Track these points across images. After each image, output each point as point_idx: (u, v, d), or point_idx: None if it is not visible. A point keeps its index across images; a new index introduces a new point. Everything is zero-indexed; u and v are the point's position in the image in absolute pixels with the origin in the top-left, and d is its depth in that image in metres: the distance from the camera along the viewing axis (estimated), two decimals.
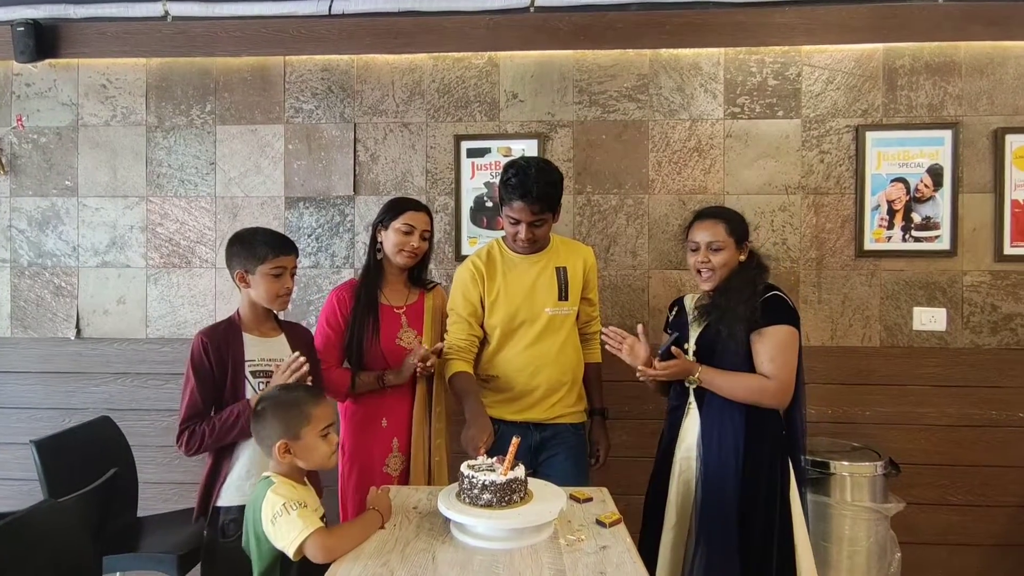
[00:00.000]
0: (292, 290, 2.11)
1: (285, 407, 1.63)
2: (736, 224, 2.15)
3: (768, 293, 2.08)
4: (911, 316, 3.03)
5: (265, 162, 3.19)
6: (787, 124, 3.06)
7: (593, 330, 2.49)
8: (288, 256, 2.06)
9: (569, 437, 2.33)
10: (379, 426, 2.26)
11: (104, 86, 3.23)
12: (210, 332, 2.02)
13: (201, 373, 1.97)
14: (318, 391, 1.72)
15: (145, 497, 2.86)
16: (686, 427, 2.15)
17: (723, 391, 2.06)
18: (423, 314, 2.37)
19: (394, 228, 2.30)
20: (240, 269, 2.04)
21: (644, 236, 3.10)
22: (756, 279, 2.11)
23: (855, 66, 3.04)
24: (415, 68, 3.14)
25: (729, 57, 3.07)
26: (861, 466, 2.62)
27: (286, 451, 1.61)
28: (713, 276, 2.12)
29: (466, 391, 2.19)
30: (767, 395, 2.02)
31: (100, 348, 3.21)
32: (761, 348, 2.04)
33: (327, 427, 1.66)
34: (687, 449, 2.13)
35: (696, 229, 2.16)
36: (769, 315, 2.04)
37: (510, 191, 2.20)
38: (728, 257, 2.11)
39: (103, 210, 3.23)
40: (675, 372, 2.07)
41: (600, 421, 2.46)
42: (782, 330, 2.04)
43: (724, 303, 2.08)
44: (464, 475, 1.70)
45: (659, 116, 3.09)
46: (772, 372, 2.02)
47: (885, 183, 3.01)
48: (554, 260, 2.35)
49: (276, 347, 2.09)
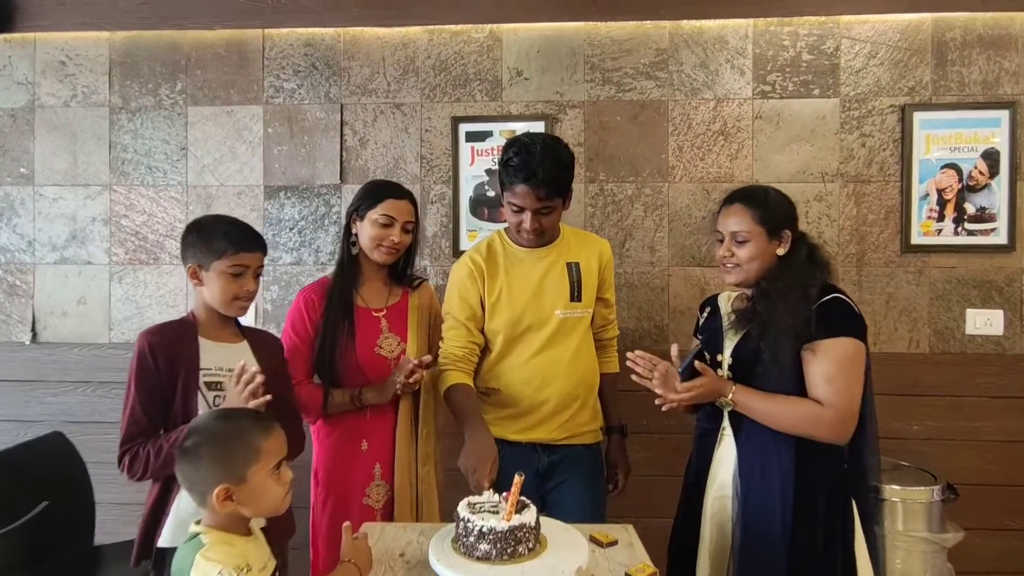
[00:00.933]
0: (254, 295, 1.79)
1: (225, 441, 1.29)
2: (769, 210, 1.75)
3: (826, 296, 1.69)
4: (964, 319, 2.72)
5: (242, 147, 2.89)
6: (824, 104, 2.74)
7: (610, 336, 2.18)
8: (252, 253, 1.75)
9: (582, 460, 2.02)
10: (358, 450, 1.93)
11: (63, 63, 2.92)
12: (158, 332, 1.72)
13: (146, 381, 1.67)
14: (266, 418, 1.40)
15: (107, 520, 2.57)
16: (720, 458, 1.78)
17: (763, 418, 1.68)
18: (407, 317, 2.05)
19: (371, 219, 1.98)
20: (194, 263, 1.74)
21: (663, 229, 2.79)
22: (808, 279, 1.70)
23: (900, 38, 2.73)
24: (408, 42, 2.84)
25: (759, 29, 2.76)
26: (916, 491, 2.30)
27: (227, 498, 1.27)
28: (739, 271, 1.76)
29: (465, 408, 1.88)
30: (822, 427, 1.63)
31: (58, 354, 2.91)
32: (815, 367, 1.65)
33: (279, 462, 1.33)
34: (721, 486, 1.76)
35: (721, 216, 1.81)
36: (826, 324, 1.65)
37: (512, 173, 1.88)
38: (756, 250, 1.73)
39: (62, 200, 2.93)
40: (702, 394, 1.70)
41: (618, 441, 2.16)
42: (843, 344, 1.65)
43: (767, 311, 1.70)
44: (459, 517, 1.39)
45: (680, 95, 2.78)
46: (829, 398, 1.63)
47: (935, 170, 2.70)
48: (565, 254, 2.04)
49: (237, 356, 1.78)
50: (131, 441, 1.66)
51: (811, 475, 1.66)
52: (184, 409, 1.68)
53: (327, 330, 1.96)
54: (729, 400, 1.71)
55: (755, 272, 1.74)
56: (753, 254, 1.73)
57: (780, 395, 1.67)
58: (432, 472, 1.99)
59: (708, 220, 2.74)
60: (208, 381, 1.72)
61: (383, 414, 1.97)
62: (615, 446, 2.15)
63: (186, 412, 1.67)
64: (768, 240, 1.74)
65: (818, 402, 1.64)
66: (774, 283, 1.71)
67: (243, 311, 1.79)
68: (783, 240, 1.75)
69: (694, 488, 1.82)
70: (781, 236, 1.75)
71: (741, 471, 1.71)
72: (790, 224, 1.77)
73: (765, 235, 1.73)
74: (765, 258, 1.74)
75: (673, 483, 2.61)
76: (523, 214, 1.92)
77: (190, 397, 1.69)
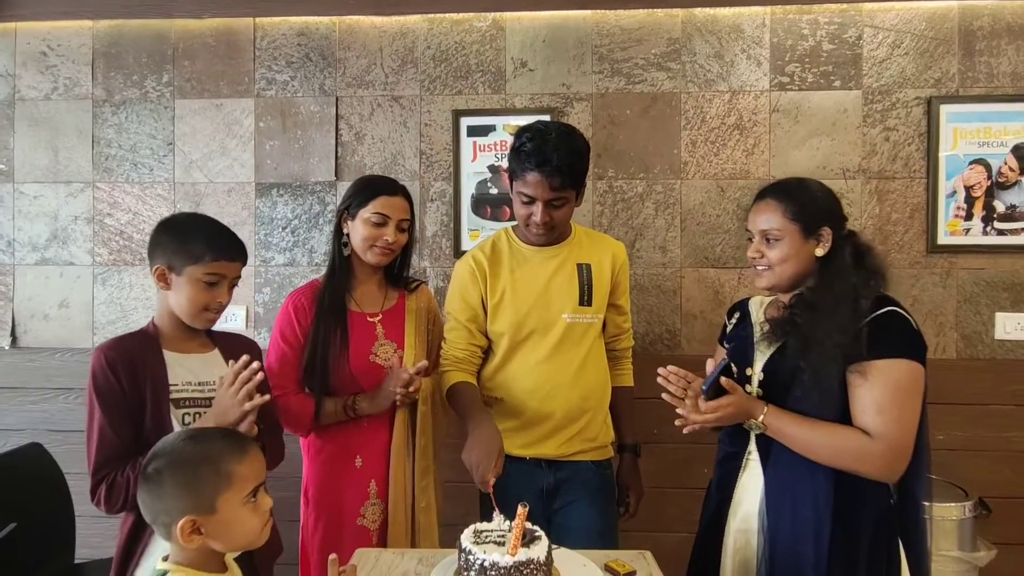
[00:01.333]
0: (224, 308, 1.63)
1: (192, 466, 1.14)
2: (804, 205, 1.53)
3: (880, 309, 1.47)
4: (993, 323, 2.58)
5: (232, 142, 2.76)
6: (845, 96, 2.60)
7: (624, 346, 2.04)
8: (232, 263, 1.60)
9: (591, 478, 1.88)
10: (352, 466, 1.79)
11: (44, 53, 2.78)
12: (116, 346, 1.54)
13: (110, 398, 1.48)
14: (241, 438, 1.26)
15: (89, 534, 2.44)
16: (744, 485, 1.58)
17: (799, 447, 1.47)
18: (403, 322, 1.91)
19: (362, 218, 1.84)
20: (163, 264, 1.57)
21: (676, 228, 2.65)
22: (858, 288, 1.47)
23: (926, 27, 2.58)
24: (407, 32, 2.70)
25: (776, 17, 2.62)
26: (946, 507, 2.17)
27: (194, 531, 1.12)
28: (770, 274, 1.56)
29: (468, 403, 1.76)
30: (868, 462, 1.42)
31: (39, 359, 2.78)
32: (865, 391, 1.42)
33: (255, 488, 1.18)
34: (745, 518, 1.56)
35: (752, 213, 1.61)
36: (880, 343, 1.43)
37: (524, 159, 1.75)
38: (789, 251, 1.52)
39: (43, 198, 2.79)
40: (729, 415, 1.50)
41: (631, 461, 2.01)
42: (899, 367, 1.42)
43: (809, 324, 1.47)
44: (462, 548, 1.25)
45: (693, 87, 2.64)
46: (879, 429, 1.41)
47: (962, 165, 2.56)
48: (576, 255, 1.90)
49: (209, 366, 1.62)
50: (105, 467, 1.47)
51: (852, 511, 1.44)
52: (157, 433, 1.50)
53: (318, 337, 1.82)
54: (759, 423, 1.51)
55: (788, 275, 1.55)
56: (785, 255, 1.53)
57: (820, 421, 1.46)
58: (431, 486, 1.85)
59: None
60: (178, 398, 1.56)
61: (379, 427, 1.83)
62: (628, 466, 2.01)
63: (152, 437, 1.50)
64: (803, 239, 1.52)
65: (865, 432, 1.43)
66: (819, 292, 1.50)
67: (210, 324, 1.63)
68: (821, 239, 1.53)
69: (714, 518, 1.63)
70: (819, 234, 1.53)
71: (769, 503, 1.51)
72: (830, 220, 1.54)
73: (799, 233, 1.52)
74: (800, 259, 1.53)
75: (684, 496, 2.48)
76: (533, 205, 1.78)
77: (163, 419, 1.52)
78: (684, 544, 2.46)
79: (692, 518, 2.30)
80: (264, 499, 1.20)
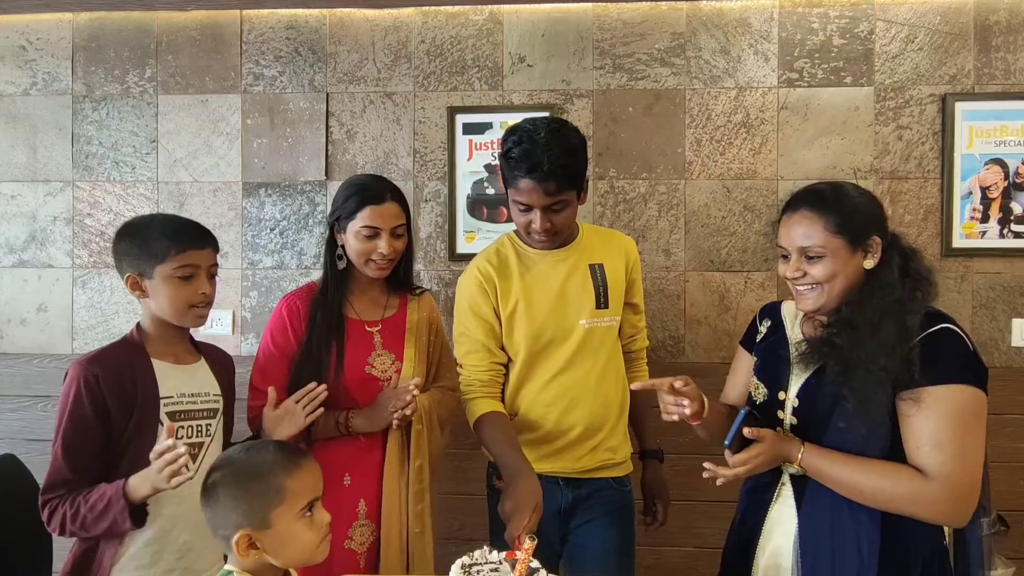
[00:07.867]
0: (212, 299, 1.56)
1: (245, 480, 1.14)
2: (847, 215, 1.35)
3: (932, 327, 1.33)
4: (1010, 329, 2.49)
5: (218, 140, 2.66)
6: (856, 93, 2.51)
7: (639, 347, 1.95)
8: (200, 250, 1.52)
9: (611, 496, 1.79)
10: (340, 484, 1.68)
11: (23, 47, 2.69)
12: (100, 360, 1.47)
13: (79, 424, 1.43)
14: (295, 450, 1.25)
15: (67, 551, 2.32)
16: (775, 519, 1.44)
17: (844, 489, 1.32)
18: (404, 332, 1.81)
19: (353, 232, 1.72)
20: (132, 272, 1.50)
21: (680, 230, 2.55)
22: (906, 303, 1.32)
23: (941, 21, 2.49)
24: (400, 25, 2.61)
25: (785, 10, 2.52)
26: None
27: (250, 545, 1.11)
28: (818, 294, 1.37)
29: (502, 445, 1.66)
30: (928, 506, 1.26)
31: (17, 366, 2.68)
32: (920, 422, 1.27)
33: (311, 502, 1.16)
34: (775, 553, 1.42)
35: (783, 226, 1.42)
36: (935, 366, 1.28)
37: (514, 166, 1.64)
38: (837, 267, 1.34)
39: (20, 197, 2.70)
40: (763, 462, 1.34)
41: (655, 467, 1.93)
42: (960, 394, 1.28)
43: (851, 346, 1.32)
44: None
45: (698, 84, 2.55)
46: (938, 468, 1.25)
47: (978, 165, 2.46)
48: (587, 255, 1.80)
49: (199, 378, 1.57)
50: (51, 491, 1.44)
51: (901, 551, 1.30)
52: (135, 450, 1.44)
53: (312, 343, 1.71)
54: (797, 465, 1.36)
55: (838, 293, 1.36)
56: (833, 271, 1.34)
57: (865, 459, 1.30)
58: (427, 512, 1.74)
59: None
60: (172, 411, 1.50)
61: (371, 443, 1.72)
62: (652, 473, 1.92)
63: (137, 453, 1.43)
64: (850, 252, 1.35)
65: (920, 471, 1.27)
66: (859, 308, 1.33)
67: (202, 320, 1.56)
68: (871, 250, 1.36)
69: (741, 551, 1.48)
70: (868, 245, 1.36)
71: (803, 541, 1.36)
72: (878, 228, 1.37)
73: (846, 247, 1.34)
74: (849, 275, 1.35)
75: (688, 508, 2.38)
76: (531, 213, 1.67)
77: (144, 434, 1.45)
78: (690, 559, 2.39)
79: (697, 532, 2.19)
80: (321, 514, 1.18)
